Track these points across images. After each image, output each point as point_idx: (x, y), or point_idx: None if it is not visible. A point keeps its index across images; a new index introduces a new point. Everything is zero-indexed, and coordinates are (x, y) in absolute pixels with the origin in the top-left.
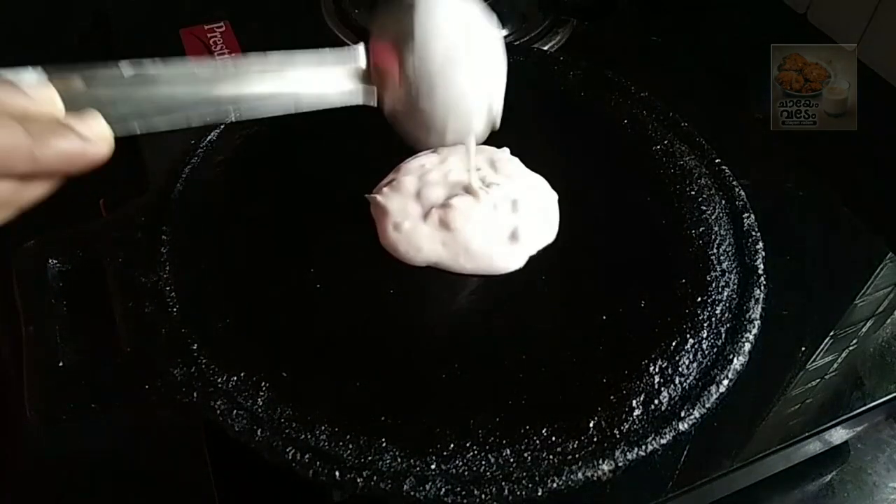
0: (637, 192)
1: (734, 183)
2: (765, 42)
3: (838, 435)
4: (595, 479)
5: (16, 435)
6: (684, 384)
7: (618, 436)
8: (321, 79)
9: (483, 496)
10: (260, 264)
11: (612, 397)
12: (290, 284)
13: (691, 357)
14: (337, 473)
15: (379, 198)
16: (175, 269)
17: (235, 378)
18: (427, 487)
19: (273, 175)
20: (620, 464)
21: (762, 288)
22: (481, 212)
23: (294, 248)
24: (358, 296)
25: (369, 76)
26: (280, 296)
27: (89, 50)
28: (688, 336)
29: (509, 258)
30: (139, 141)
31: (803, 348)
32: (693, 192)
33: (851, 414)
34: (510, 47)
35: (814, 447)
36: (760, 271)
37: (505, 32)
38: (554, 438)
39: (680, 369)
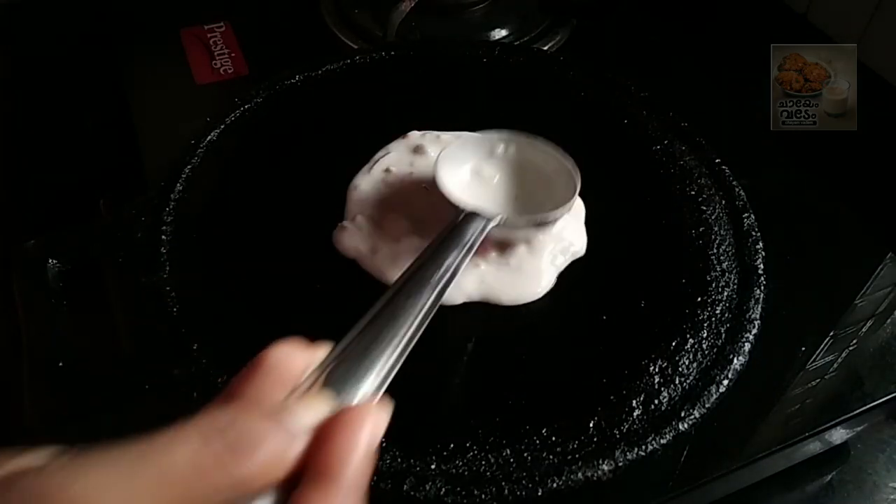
0: (637, 192)
1: (734, 183)
2: (765, 42)
3: (838, 435)
4: (595, 479)
5: (16, 435)
6: (684, 384)
7: (618, 436)
8: None
9: (483, 496)
10: (260, 264)
11: (612, 397)
12: (290, 284)
13: (691, 357)
14: None
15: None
16: (175, 269)
17: None
18: (427, 487)
19: (273, 175)
20: (620, 464)
21: (762, 288)
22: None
23: (294, 249)
24: (358, 296)
25: None
26: (280, 295)
27: (89, 50)
28: (688, 336)
29: (535, 288)
30: (139, 141)
31: (803, 348)
32: (693, 192)
33: (851, 414)
34: (510, 47)
35: (814, 447)
36: (760, 271)
37: (505, 32)
38: (554, 438)
39: (680, 369)
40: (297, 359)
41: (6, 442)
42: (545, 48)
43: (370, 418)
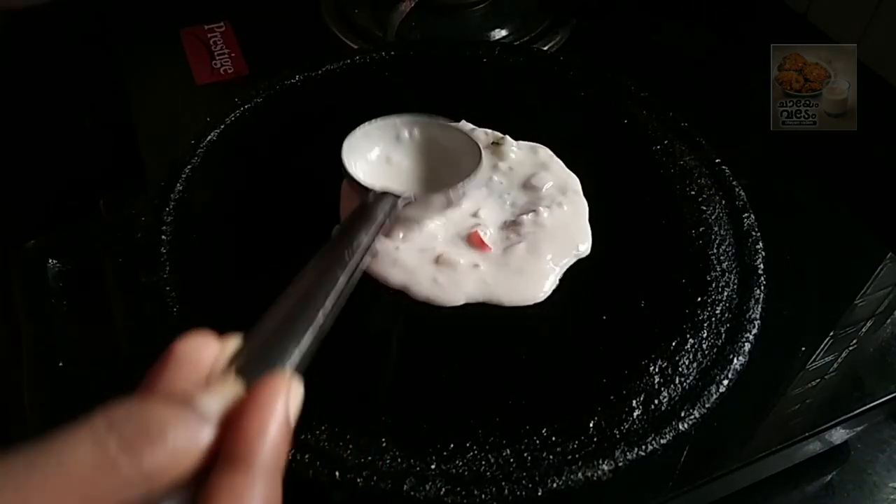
0: (637, 192)
1: (734, 183)
2: (765, 42)
3: (838, 435)
4: (595, 479)
5: (16, 435)
6: (684, 384)
7: (618, 436)
8: None
9: (483, 496)
10: (260, 264)
11: (612, 397)
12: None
13: (691, 357)
14: (337, 473)
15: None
16: (175, 269)
17: None
18: (427, 487)
19: (273, 175)
20: (620, 464)
21: (762, 288)
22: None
23: (294, 249)
24: (358, 297)
25: None
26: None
27: (89, 50)
28: (688, 336)
29: (538, 291)
30: (139, 141)
31: (803, 348)
32: (693, 192)
33: (851, 414)
34: (510, 47)
35: (814, 447)
36: (760, 271)
37: (505, 32)
38: (554, 438)
39: (680, 369)
40: (208, 349)
41: (7, 442)
42: (545, 48)
43: (281, 394)
